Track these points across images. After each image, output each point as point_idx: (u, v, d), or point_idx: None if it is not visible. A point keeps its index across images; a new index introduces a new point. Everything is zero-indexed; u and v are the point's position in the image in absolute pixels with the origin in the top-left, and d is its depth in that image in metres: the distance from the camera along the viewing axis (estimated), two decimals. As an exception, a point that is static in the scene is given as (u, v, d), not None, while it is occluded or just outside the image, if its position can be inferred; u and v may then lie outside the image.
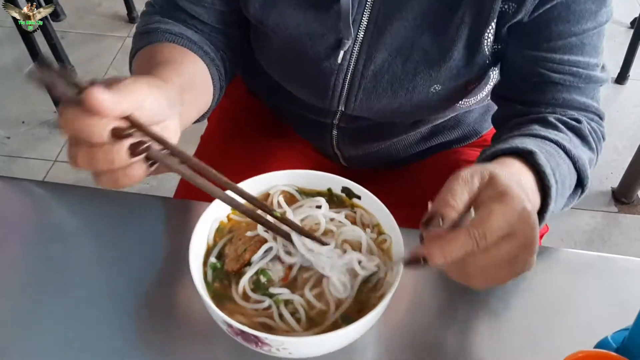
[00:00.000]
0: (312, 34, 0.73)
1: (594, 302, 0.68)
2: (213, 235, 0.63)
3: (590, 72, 0.71)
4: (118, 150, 0.46)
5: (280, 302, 0.56)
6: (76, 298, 0.66)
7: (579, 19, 0.68)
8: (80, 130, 0.45)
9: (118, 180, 0.49)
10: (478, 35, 0.70)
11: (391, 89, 0.75)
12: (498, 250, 0.48)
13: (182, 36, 0.74)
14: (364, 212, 0.65)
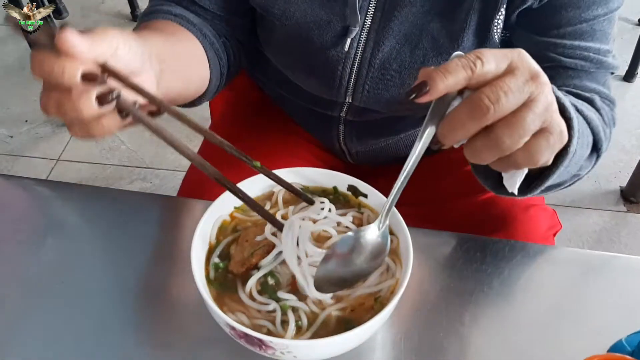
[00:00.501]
0: (318, 21, 0.72)
1: (605, 303, 0.66)
2: (215, 234, 0.61)
3: (601, 57, 0.69)
4: (87, 97, 0.45)
5: (288, 308, 0.55)
6: (77, 296, 0.65)
7: (590, 5, 0.66)
8: (51, 71, 0.44)
9: (90, 129, 0.47)
10: (487, 22, 0.69)
11: (399, 77, 0.73)
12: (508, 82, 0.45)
13: (182, 17, 0.73)
14: (370, 213, 0.63)
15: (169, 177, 1.83)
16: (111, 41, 0.47)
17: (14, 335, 0.62)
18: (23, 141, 1.97)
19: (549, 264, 0.71)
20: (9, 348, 0.61)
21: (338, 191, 0.65)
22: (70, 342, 0.61)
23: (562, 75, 0.70)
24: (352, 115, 0.84)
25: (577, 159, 0.58)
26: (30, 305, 0.64)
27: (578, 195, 1.81)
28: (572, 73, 0.69)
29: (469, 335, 0.62)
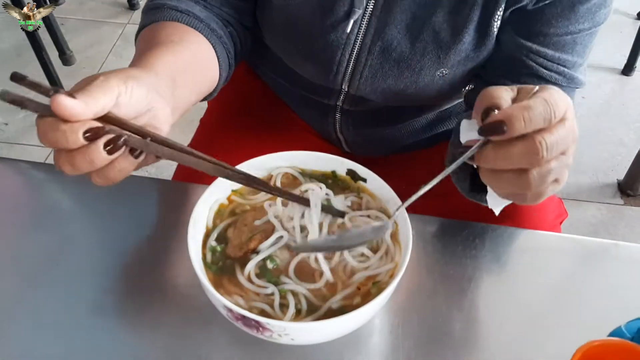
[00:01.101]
0: (322, 3, 0.71)
1: (606, 290, 0.66)
2: (213, 217, 0.61)
3: (574, 72, 0.72)
4: (94, 150, 0.46)
5: (287, 292, 0.54)
6: (73, 278, 0.64)
7: (579, 19, 0.67)
8: (56, 140, 0.46)
9: (108, 177, 0.49)
10: (488, 18, 0.69)
11: (397, 68, 0.73)
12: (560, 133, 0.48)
13: (189, 13, 0.71)
14: (369, 198, 0.62)
15: (166, 165, 1.81)
16: (110, 94, 0.48)
17: (9, 315, 0.61)
18: (18, 129, 1.95)
19: (549, 250, 0.70)
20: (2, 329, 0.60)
21: (337, 175, 0.65)
22: (65, 324, 0.60)
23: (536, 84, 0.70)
24: (348, 104, 0.83)
25: None
26: (25, 287, 0.64)
27: (576, 188, 1.81)
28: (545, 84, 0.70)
29: (468, 320, 0.62)
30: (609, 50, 2.29)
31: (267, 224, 0.59)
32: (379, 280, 0.55)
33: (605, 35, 2.45)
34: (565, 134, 0.49)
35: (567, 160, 0.50)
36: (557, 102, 0.48)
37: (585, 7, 0.67)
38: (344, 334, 0.54)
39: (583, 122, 2.03)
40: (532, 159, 0.48)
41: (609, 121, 2.05)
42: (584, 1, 0.67)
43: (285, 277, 0.56)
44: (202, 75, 0.70)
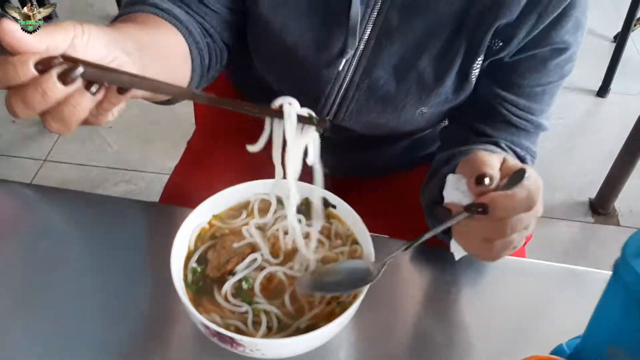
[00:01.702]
0: (317, 40, 0.75)
1: (562, 311, 0.72)
2: (194, 240, 0.66)
3: (541, 120, 0.79)
4: (47, 80, 0.43)
5: (260, 311, 0.60)
6: (59, 297, 0.68)
7: (549, 72, 0.75)
8: (4, 74, 0.43)
9: (64, 116, 0.45)
10: (469, 65, 0.75)
11: (382, 104, 0.78)
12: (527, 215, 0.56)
13: (169, 12, 0.70)
14: (339, 224, 0.68)
15: (154, 180, 1.87)
16: (65, 32, 0.45)
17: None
18: (10, 141, 1.99)
19: (511, 274, 0.76)
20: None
21: (310, 202, 0.71)
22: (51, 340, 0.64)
23: (507, 131, 0.79)
24: (329, 132, 0.88)
25: None
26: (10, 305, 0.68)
27: (549, 206, 1.88)
28: (514, 130, 0.79)
29: (426, 336, 0.68)
30: (585, 72, 2.37)
31: (243, 247, 0.65)
32: (343, 301, 0.61)
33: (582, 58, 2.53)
34: (531, 215, 0.57)
35: (527, 232, 0.58)
36: (537, 192, 0.56)
37: (554, 62, 0.74)
38: (310, 349, 0.59)
39: (558, 142, 2.10)
40: (498, 234, 0.57)
41: (583, 141, 2.13)
42: (554, 57, 0.74)
43: (260, 297, 0.61)
44: (173, 60, 0.68)
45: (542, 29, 0.71)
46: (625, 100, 2.29)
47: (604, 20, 2.62)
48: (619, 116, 2.20)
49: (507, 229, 0.56)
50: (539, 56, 0.73)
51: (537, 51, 0.73)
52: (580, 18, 0.72)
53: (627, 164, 1.75)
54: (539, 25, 0.70)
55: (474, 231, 0.58)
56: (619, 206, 1.89)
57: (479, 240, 0.58)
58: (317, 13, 0.75)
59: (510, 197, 0.55)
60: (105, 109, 0.48)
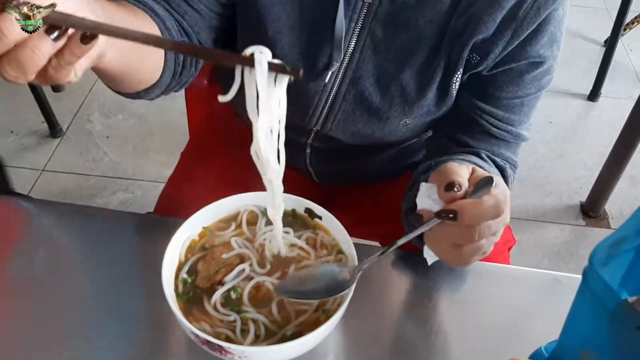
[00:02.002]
0: (304, 53, 0.78)
1: (544, 317, 0.74)
2: (185, 252, 0.69)
3: (520, 130, 0.82)
4: (4, 18, 0.41)
5: (248, 320, 0.62)
6: (54, 308, 0.70)
7: (527, 85, 0.78)
8: None
9: (21, 59, 0.42)
10: (449, 79, 0.78)
11: (367, 115, 0.81)
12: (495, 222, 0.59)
13: (146, 5, 0.69)
14: (324, 234, 0.71)
15: (150, 189, 1.90)
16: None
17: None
18: (8, 151, 2.01)
19: (486, 278, 0.78)
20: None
21: (296, 213, 0.73)
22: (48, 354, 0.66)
23: (487, 142, 0.82)
24: (318, 142, 0.91)
25: None
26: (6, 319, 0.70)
27: (541, 209, 1.91)
28: (494, 141, 0.82)
29: (409, 341, 0.70)
30: (576, 77, 2.40)
31: (232, 258, 0.67)
32: (327, 309, 0.64)
33: (573, 62, 2.58)
34: (499, 222, 0.60)
35: (495, 238, 0.62)
36: (504, 201, 0.59)
37: (531, 75, 0.77)
38: (297, 356, 0.62)
39: (549, 146, 2.13)
40: (466, 240, 0.60)
41: (574, 145, 2.15)
42: (530, 70, 0.77)
43: (249, 306, 0.64)
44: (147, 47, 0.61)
45: (518, 44, 0.73)
46: (616, 104, 2.31)
47: (594, 25, 2.65)
48: (610, 120, 2.23)
49: (475, 235, 0.59)
50: (516, 70, 0.76)
51: (513, 65, 0.76)
52: (555, 32, 0.75)
53: (616, 167, 1.77)
54: (515, 41, 0.73)
55: (444, 237, 0.61)
56: (610, 209, 1.91)
57: (449, 246, 0.61)
58: (304, 28, 0.77)
59: (479, 204, 0.58)
60: (67, 61, 0.45)
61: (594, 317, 0.53)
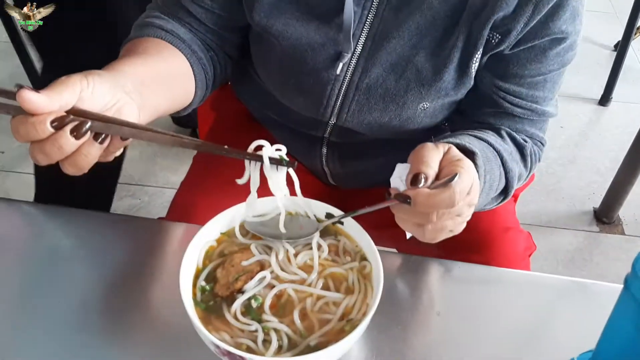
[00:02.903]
0: (313, 44, 0.77)
1: (568, 324, 0.72)
2: (203, 258, 0.66)
3: (544, 107, 0.81)
4: (62, 136, 0.52)
5: (270, 329, 0.60)
6: (65, 317, 0.68)
7: (550, 62, 0.76)
8: (27, 132, 0.51)
9: (77, 163, 0.54)
10: (467, 60, 0.76)
11: (383, 102, 0.79)
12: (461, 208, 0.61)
13: (173, 33, 0.78)
14: (347, 240, 0.68)
15: (158, 194, 1.87)
16: (72, 88, 0.53)
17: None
18: (14, 157, 2.00)
19: (515, 287, 0.76)
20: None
21: (317, 218, 0.70)
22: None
23: (510, 119, 0.80)
24: (335, 137, 0.89)
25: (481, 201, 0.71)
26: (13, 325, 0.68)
27: (554, 215, 1.88)
28: (518, 120, 0.80)
29: (438, 352, 0.67)
30: (586, 81, 2.39)
31: (252, 265, 0.65)
32: (352, 318, 0.61)
33: (584, 67, 2.56)
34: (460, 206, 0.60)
35: (462, 219, 0.63)
36: (463, 192, 0.59)
37: (554, 51, 0.75)
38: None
39: (561, 151, 2.11)
40: (424, 221, 0.61)
41: (586, 150, 2.13)
42: (553, 47, 0.74)
43: (270, 315, 0.61)
44: (175, 84, 0.75)
45: (539, 20, 0.72)
46: (628, 109, 2.29)
47: (604, 29, 2.64)
48: (622, 125, 2.21)
49: (432, 218, 0.60)
50: (538, 47, 0.74)
51: (536, 42, 0.74)
52: (577, 7, 0.73)
53: (630, 173, 1.75)
54: (536, 17, 0.71)
55: (406, 216, 0.62)
56: (624, 215, 1.89)
57: (411, 224, 0.63)
58: (311, 19, 0.77)
59: (432, 195, 0.59)
60: (111, 152, 0.57)
61: (636, 325, 0.51)
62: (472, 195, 0.62)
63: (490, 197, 0.74)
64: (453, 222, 0.62)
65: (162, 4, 0.82)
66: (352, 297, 0.63)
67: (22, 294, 0.71)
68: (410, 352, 0.67)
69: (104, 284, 0.72)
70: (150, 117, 0.66)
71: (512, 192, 0.78)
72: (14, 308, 0.70)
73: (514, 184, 0.77)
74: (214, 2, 0.80)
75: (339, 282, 0.64)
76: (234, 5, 0.81)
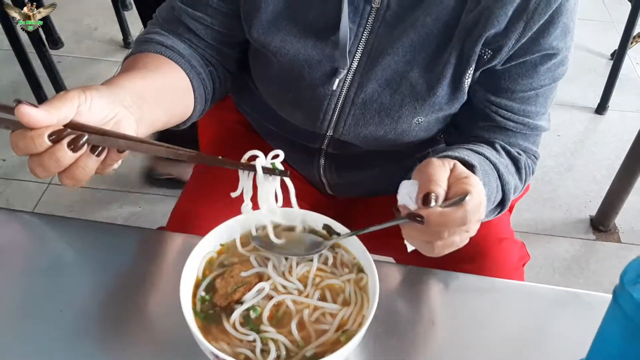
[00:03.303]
0: (310, 60, 0.79)
1: (561, 334, 0.73)
2: (203, 269, 0.67)
3: (537, 121, 0.82)
4: (59, 150, 0.53)
5: (268, 340, 0.61)
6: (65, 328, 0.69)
7: (541, 77, 0.78)
8: (25, 146, 0.53)
9: (75, 175, 0.56)
10: (460, 75, 0.78)
11: (378, 116, 0.81)
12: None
13: (173, 49, 0.79)
14: (344, 252, 0.70)
15: (158, 202, 1.89)
16: (70, 102, 0.54)
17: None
18: (15, 165, 2.01)
19: (509, 297, 0.78)
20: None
21: (315, 230, 0.72)
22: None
23: (503, 133, 0.82)
24: (332, 148, 0.91)
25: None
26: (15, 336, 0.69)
27: (550, 223, 1.89)
28: (511, 134, 0.82)
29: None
30: (583, 90, 2.40)
31: (251, 277, 0.66)
32: (348, 329, 0.62)
33: (580, 75, 2.58)
34: (470, 225, 0.61)
35: (469, 234, 0.63)
36: (474, 211, 0.60)
37: (545, 67, 0.77)
38: (317, 377, 0.60)
39: (557, 159, 2.12)
40: (434, 239, 0.62)
41: (583, 158, 2.14)
42: (544, 62, 0.76)
43: (268, 325, 0.63)
44: (174, 98, 0.77)
45: (531, 37, 0.73)
46: (624, 117, 2.31)
47: (600, 38, 2.65)
48: (618, 133, 2.22)
49: (444, 236, 0.61)
50: (529, 62, 0.76)
51: (527, 58, 0.75)
52: (568, 23, 0.75)
53: (626, 181, 1.76)
54: (527, 33, 0.73)
55: (415, 233, 0.63)
56: (620, 223, 1.90)
57: (420, 241, 0.64)
58: (308, 36, 0.78)
59: (445, 215, 0.60)
60: (108, 164, 0.59)
61: (624, 336, 0.52)
62: (481, 212, 0.63)
63: (487, 209, 0.75)
64: (460, 238, 0.63)
65: (163, 20, 0.84)
66: (349, 309, 0.64)
67: (23, 304, 0.72)
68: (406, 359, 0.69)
69: (105, 292, 0.74)
70: (148, 130, 0.67)
71: (508, 204, 0.79)
72: (15, 317, 0.71)
73: (510, 196, 0.78)
74: (214, 19, 0.82)
75: (336, 293, 0.66)
76: (233, 22, 0.82)
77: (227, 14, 0.82)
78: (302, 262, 0.68)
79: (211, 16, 0.82)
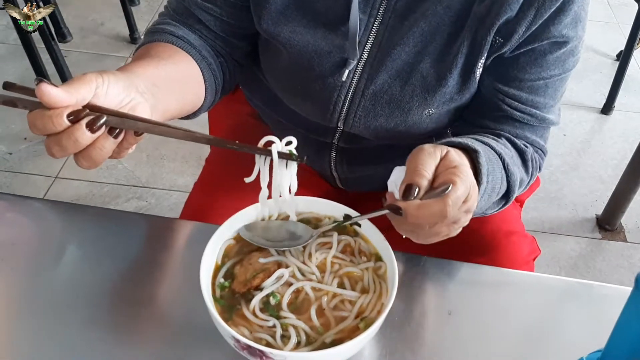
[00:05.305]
0: (319, 51, 0.79)
1: (575, 325, 0.73)
2: (222, 256, 0.68)
3: (545, 114, 0.81)
4: (77, 129, 0.53)
5: (289, 325, 0.61)
6: (79, 315, 0.69)
7: (550, 66, 0.77)
8: (43, 125, 0.53)
9: (92, 156, 0.56)
10: (472, 65, 0.77)
11: (388, 108, 0.81)
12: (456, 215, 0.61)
13: (183, 39, 0.79)
14: (362, 241, 0.70)
15: (164, 197, 1.89)
16: (88, 85, 0.55)
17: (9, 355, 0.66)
18: (22, 158, 2.01)
19: (523, 288, 0.78)
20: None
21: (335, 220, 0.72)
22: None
23: (510, 124, 0.81)
24: (343, 142, 0.91)
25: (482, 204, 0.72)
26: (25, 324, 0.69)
27: (556, 222, 1.90)
28: (518, 124, 0.81)
29: (449, 350, 0.69)
30: (589, 90, 2.41)
31: (270, 264, 0.66)
32: (366, 316, 0.63)
33: (586, 76, 2.58)
34: (455, 214, 0.60)
35: (458, 225, 0.63)
36: (456, 203, 0.59)
37: (554, 56, 0.76)
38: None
39: (563, 158, 2.13)
40: (417, 229, 0.62)
41: (589, 158, 2.15)
42: (553, 51, 0.76)
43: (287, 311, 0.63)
44: (185, 87, 0.77)
45: (541, 24, 0.73)
46: (630, 118, 2.31)
47: (607, 39, 2.66)
48: (624, 133, 2.23)
49: (424, 227, 0.61)
50: (538, 50, 0.75)
51: (536, 45, 0.75)
52: (580, 12, 0.74)
53: (633, 181, 1.77)
54: (538, 20, 0.73)
55: (399, 223, 0.64)
56: (626, 222, 1.90)
57: (404, 230, 0.64)
58: (318, 26, 0.78)
59: (423, 207, 0.59)
60: (125, 148, 0.59)
61: (647, 325, 0.52)
62: (471, 202, 0.62)
63: (492, 200, 0.75)
64: (448, 228, 0.63)
65: (174, 11, 0.84)
66: (368, 296, 0.64)
67: (37, 291, 0.72)
68: (422, 350, 0.69)
69: (120, 280, 0.74)
70: (160, 118, 0.67)
71: (513, 197, 0.78)
72: (28, 304, 0.71)
73: (515, 188, 0.77)
74: (223, 10, 0.82)
75: (355, 281, 0.66)
76: (243, 13, 0.82)
77: (236, 5, 0.82)
78: (321, 249, 0.68)
79: (220, 7, 0.82)
